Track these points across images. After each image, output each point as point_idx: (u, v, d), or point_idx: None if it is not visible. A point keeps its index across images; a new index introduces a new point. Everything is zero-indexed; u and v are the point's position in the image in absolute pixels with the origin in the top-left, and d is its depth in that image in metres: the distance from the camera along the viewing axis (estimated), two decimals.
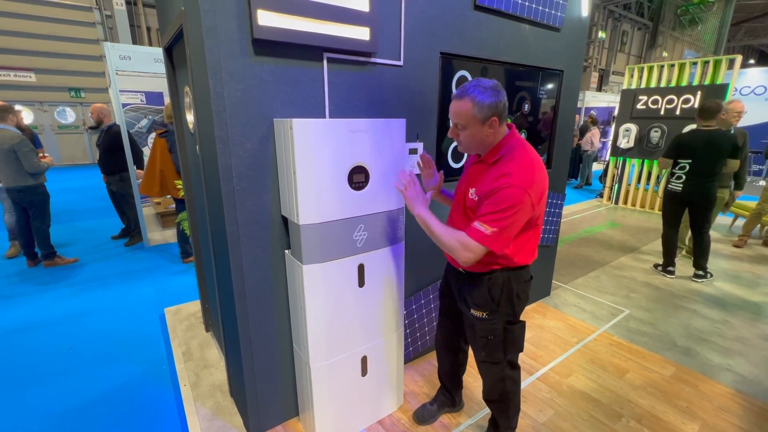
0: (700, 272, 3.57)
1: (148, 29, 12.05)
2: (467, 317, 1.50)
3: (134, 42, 11.63)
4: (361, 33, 1.58)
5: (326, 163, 1.41)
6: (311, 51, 1.50)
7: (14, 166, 3.54)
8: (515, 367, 1.54)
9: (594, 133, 8.28)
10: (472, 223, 1.23)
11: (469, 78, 2.11)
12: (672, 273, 3.65)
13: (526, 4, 2.18)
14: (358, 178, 1.50)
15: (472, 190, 1.34)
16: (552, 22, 2.36)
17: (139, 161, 4.45)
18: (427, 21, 1.83)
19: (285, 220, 1.59)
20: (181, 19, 1.54)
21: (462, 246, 1.23)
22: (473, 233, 1.21)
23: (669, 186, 3.52)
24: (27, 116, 10.89)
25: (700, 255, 3.55)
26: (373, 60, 1.68)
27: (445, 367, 1.84)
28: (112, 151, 4.29)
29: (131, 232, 4.68)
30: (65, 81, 11.23)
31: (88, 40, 11.12)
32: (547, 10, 2.30)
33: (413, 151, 1.91)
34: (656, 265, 3.83)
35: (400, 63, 1.78)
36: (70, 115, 11.56)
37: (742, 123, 4.67)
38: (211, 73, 1.32)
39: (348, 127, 1.43)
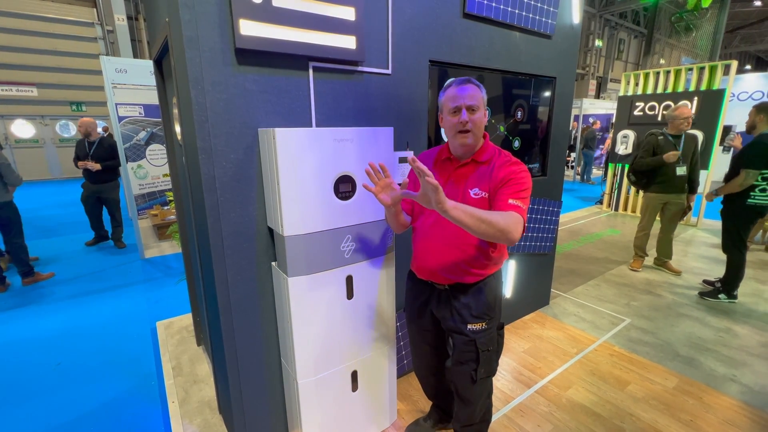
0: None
1: (149, 43, 12.19)
2: (463, 335, 1.41)
3: (135, 56, 11.76)
4: (347, 42, 1.57)
5: (311, 173, 1.38)
6: (296, 60, 1.49)
7: None
8: None
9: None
10: (505, 202, 1.19)
11: None
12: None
13: (516, 11, 2.17)
14: (344, 187, 1.47)
15: (474, 190, 1.32)
16: (543, 30, 2.36)
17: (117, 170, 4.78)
18: (415, 29, 1.82)
19: (271, 231, 1.56)
20: (166, 31, 1.53)
21: (517, 222, 1.14)
22: (516, 208, 1.18)
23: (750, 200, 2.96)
24: (29, 130, 11.00)
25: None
26: (360, 68, 1.67)
27: (437, 388, 1.77)
28: (106, 161, 4.49)
29: (118, 233, 4.98)
30: (66, 95, 11.35)
31: (90, 54, 11.26)
32: (537, 17, 2.30)
33: (403, 160, 1.89)
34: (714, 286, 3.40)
35: (389, 71, 1.76)
36: (72, 129, 11.65)
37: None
38: (193, 84, 1.30)
39: (333, 135, 1.41)
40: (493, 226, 1.09)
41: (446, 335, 1.59)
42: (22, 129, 10.93)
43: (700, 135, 5.29)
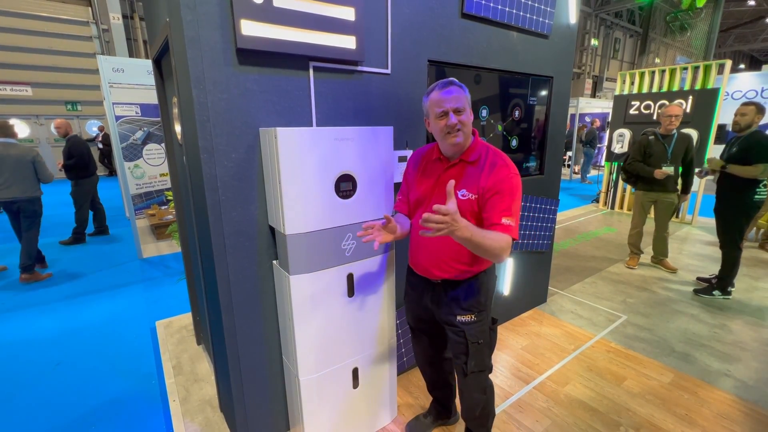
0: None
1: (145, 42, 12.13)
2: (453, 326, 1.46)
3: (130, 55, 11.68)
4: (347, 42, 1.58)
5: (312, 172, 1.40)
6: (297, 60, 1.50)
7: (30, 177, 3.73)
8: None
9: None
10: (499, 221, 1.24)
11: None
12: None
13: (513, 11, 2.19)
14: (345, 186, 1.49)
15: (462, 192, 1.33)
16: (540, 30, 2.38)
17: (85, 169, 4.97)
18: (413, 29, 1.83)
19: (272, 230, 1.57)
20: (167, 31, 1.54)
21: (507, 245, 1.22)
22: (508, 230, 1.23)
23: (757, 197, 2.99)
24: (23, 130, 10.91)
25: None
26: (360, 68, 1.68)
27: (433, 379, 1.80)
28: (67, 158, 4.84)
29: (75, 233, 5.12)
30: (62, 94, 11.26)
31: (85, 54, 11.18)
32: (534, 17, 2.32)
33: (403, 159, 1.90)
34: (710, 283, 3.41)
35: (388, 71, 1.78)
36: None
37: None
38: (195, 83, 1.31)
39: (334, 135, 1.42)
40: (487, 253, 1.20)
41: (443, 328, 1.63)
42: (17, 129, 10.82)
43: (694, 134, 5.34)
